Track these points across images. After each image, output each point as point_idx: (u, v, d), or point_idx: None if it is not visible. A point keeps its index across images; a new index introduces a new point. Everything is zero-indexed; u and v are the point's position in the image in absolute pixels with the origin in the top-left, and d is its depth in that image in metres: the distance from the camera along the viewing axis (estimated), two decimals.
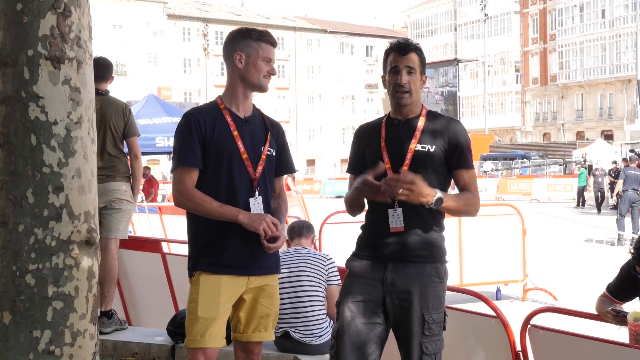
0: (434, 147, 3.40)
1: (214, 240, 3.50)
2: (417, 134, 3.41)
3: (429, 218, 3.40)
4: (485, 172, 42.13)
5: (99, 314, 5.72)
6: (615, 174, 26.34)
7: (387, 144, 3.44)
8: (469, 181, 3.46)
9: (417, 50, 3.45)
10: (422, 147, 3.39)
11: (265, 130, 3.66)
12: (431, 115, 3.50)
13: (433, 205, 3.25)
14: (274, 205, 3.69)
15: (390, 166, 3.40)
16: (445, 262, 3.49)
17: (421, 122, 3.44)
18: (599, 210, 26.82)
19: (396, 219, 3.37)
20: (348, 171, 3.67)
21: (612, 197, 26.97)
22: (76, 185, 2.66)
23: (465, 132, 3.50)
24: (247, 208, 3.52)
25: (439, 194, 3.24)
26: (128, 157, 6.08)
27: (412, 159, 3.38)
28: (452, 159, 3.43)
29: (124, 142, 5.97)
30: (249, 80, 3.55)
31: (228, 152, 3.51)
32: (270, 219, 3.45)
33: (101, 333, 5.73)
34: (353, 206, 3.57)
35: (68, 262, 2.65)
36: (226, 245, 3.49)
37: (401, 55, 3.41)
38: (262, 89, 3.59)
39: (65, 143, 2.63)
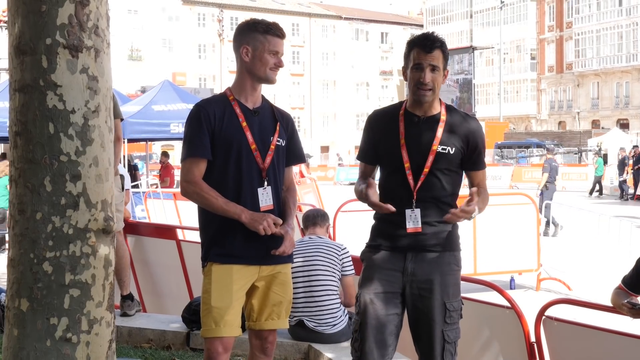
0: (453, 149, 3.42)
1: (224, 230, 3.53)
2: (439, 134, 3.41)
3: (445, 209, 3.41)
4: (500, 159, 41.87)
5: (122, 298, 5.92)
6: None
7: (407, 142, 3.42)
8: (482, 179, 3.58)
9: (442, 46, 3.36)
10: (442, 149, 3.40)
11: (274, 120, 3.67)
12: (450, 113, 3.48)
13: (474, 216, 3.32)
14: (282, 198, 3.70)
15: (409, 165, 3.41)
16: (460, 250, 3.54)
17: (442, 122, 3.43)
18: None
19: (413, 219, 3.40)
20: (358, 158, 3.67)
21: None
22: (93, 174, 2.68)
23: (482, 131, 3.56)
24: (255, 198, 3.54)
25: (473, 205, 3.26)
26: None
27: (433, 160, 3.40)
28: (470, 160, 3.49)
29: None
30: (256, 74, 3.56)
31: (237, 143, 3.53)
32: (272, 218, 3.47)
33: (127, 315, 5.98)
34: (363, 201, 3.58)
35: (85, 250, 2.67)
36: (236, 236, 3.51)
37: (425, 52, 3.34)
38: (268, 81, 3.60)
39: (83, 131, 2.65)
